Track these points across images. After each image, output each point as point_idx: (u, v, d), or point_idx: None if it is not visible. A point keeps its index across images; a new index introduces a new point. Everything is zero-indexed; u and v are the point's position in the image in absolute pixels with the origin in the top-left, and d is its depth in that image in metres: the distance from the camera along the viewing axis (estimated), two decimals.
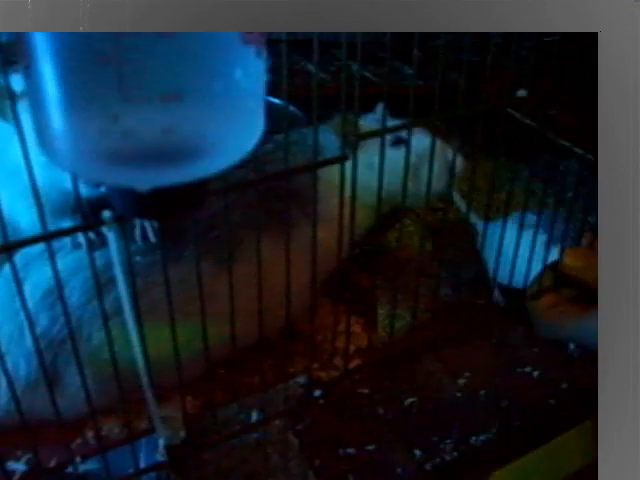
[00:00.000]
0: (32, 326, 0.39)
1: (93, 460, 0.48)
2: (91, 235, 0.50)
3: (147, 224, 0.51)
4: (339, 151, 0.42)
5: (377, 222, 0.62)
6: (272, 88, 0.30)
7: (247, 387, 0.54)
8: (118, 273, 0.38)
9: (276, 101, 0.44)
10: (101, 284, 0.42)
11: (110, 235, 0.36)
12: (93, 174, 0.27)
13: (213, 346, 0.44)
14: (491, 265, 0.60)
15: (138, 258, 0.50)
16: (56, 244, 0.48)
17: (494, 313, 0.62)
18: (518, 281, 0.58)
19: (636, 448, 0.39)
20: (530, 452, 0.54)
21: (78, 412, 0.47)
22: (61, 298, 0.38)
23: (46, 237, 0.35)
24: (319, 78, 0.38)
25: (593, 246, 0.60)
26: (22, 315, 0.39)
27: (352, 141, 0.42)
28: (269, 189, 0.48)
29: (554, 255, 0.57)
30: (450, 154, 0.57)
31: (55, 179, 0.46)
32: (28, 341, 0.48)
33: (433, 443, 0.51)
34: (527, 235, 0.55)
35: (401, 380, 0.56)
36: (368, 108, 0.62)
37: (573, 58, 0.46)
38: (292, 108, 0.72)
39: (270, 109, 0.30)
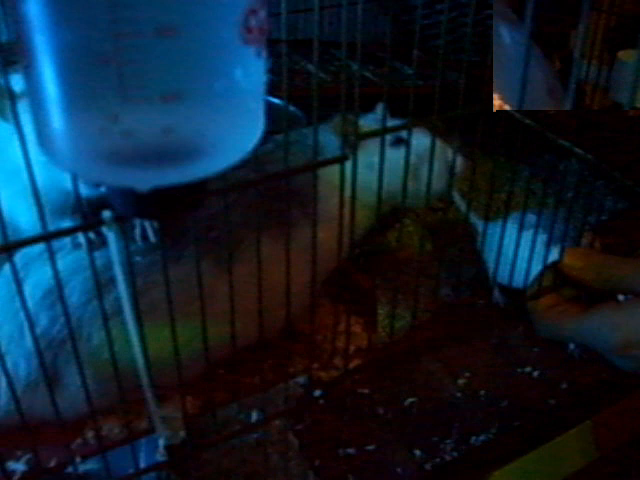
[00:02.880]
0: (32, 326, 0.39)
1: (93, 460, 0.48)
2: (91, 235, 0.50)
3: (147, 224, 0.51)
4: (339, 151, 0.42)
5: (377, 222, 0.62)
6: (272, 88, 0.30)
7: (247, 387, 0.54)
8: (118, 273, 0.38)
9: (276, 101, 0.44)
10: (101, 284, 0.42)
11: (110, 235, 0.36)
12: (93, 174, 0.27)
13: (213, 346, 0.44)
14: (491, 265, 0.60)
15: (138, 258, 0.50)
16: (56, 244, 0.48)
17: (494, 313, 0.62)
18: (518, 281, 0.58)
19: None
20: (530, 452, 0.54)
21: (78, 412, 0.47)
22: (61, 298, 0.38)
23: (46, 237, 0.35)
24: (319, 78, 0.38)
25: (593, 246, 0.60)
26: (22, 315, 0.39)
27: (352, 141, 0.42)
28: (269, 189, 0.48)
29: (554, 255, 0.57)
30: (450, 154, 0.57)
31: (55, 179, 0.46)
32: (28, 341, 0.48)
33: (433, 443, 0.51)
34: (527, 235, 0.55)
35: (401, 380, 0.56)
36: (368, 108, 0.62)
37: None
38: (292, 108, 0.72)
39: (270, 109, 0.30)
